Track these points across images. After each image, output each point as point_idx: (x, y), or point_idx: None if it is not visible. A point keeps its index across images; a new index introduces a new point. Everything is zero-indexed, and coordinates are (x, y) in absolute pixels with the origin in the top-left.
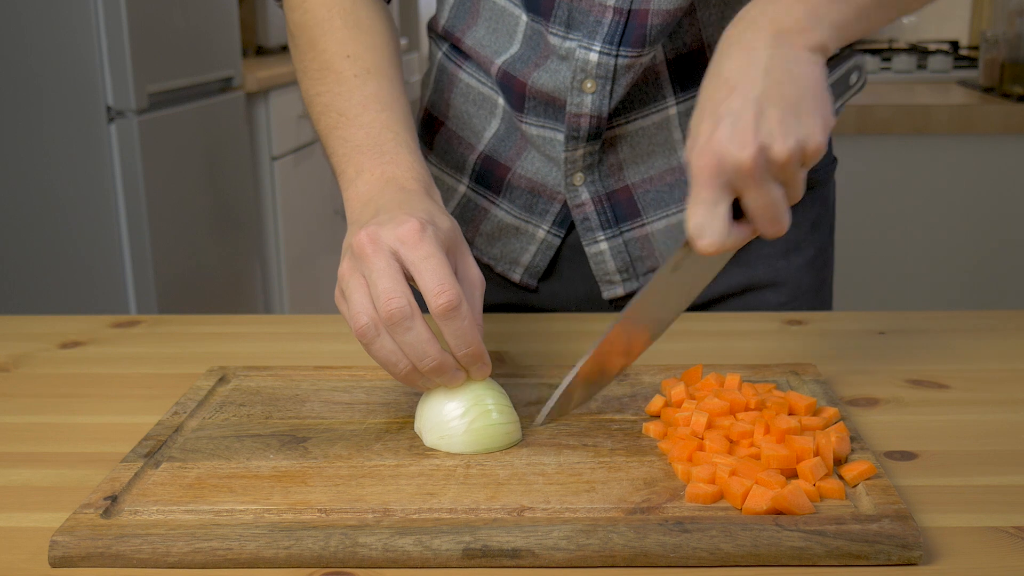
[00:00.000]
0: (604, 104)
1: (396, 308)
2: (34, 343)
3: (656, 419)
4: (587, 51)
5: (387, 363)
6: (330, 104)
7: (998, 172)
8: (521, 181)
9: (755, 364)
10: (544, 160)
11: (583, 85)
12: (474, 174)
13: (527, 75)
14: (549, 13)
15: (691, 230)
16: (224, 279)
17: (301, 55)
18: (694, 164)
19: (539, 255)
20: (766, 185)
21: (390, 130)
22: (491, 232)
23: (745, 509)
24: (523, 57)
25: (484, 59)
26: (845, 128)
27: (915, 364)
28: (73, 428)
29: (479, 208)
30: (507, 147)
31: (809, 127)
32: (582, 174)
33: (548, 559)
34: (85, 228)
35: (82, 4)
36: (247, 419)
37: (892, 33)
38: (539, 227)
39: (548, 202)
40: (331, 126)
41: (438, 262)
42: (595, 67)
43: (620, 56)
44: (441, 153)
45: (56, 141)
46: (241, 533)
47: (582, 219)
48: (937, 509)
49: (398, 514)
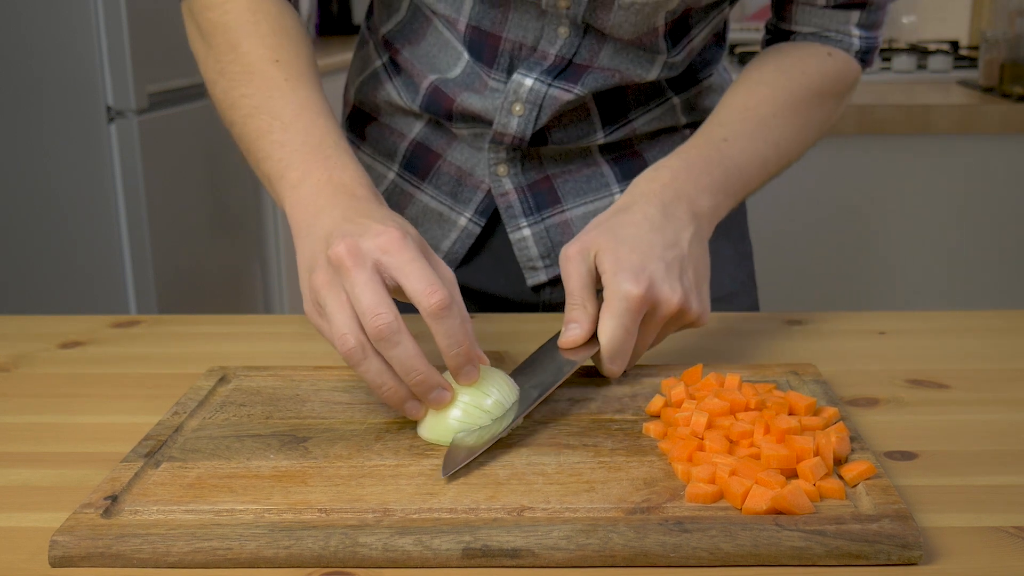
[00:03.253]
0: (528, 128)
1: (383, 324)
2: (34, 343)
3: (656, 419)
4: (523, 77)
5: (374, 384)
6: (260, 107)
7: (998, 172)
8: (450, 168)
9: (755, 364)
10: (471, 151)
11: (512, 108)
12: (404, 160)
13: (456, 94)
14: (492, 61)
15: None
16: (224, 279)
17: (218, 55)
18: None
19: (459, 242)
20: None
21: (330, 136)
22: (414, 217)
23: (745, 509)
24: (458, 82)
25: (418, 72)
26: (845, 128)
27: (915, 364)
28: (73, 428)
29: (405, 194)
30: (436, 138)
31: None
32: (506, 166)
33: (548, 559)
34: (85, 228)
35: (82, 4)
36: (247, 419)
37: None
38: (461, 214)
39: (472, 190)
40: (263, 130)
41: (423, 265)
42: (527, 92)
43: (552, 86)
44: (373, 142)
45: (56, 141)
46: (241, 533)
47: (506, 207)
48: (937, 509)
49: (398, 514)
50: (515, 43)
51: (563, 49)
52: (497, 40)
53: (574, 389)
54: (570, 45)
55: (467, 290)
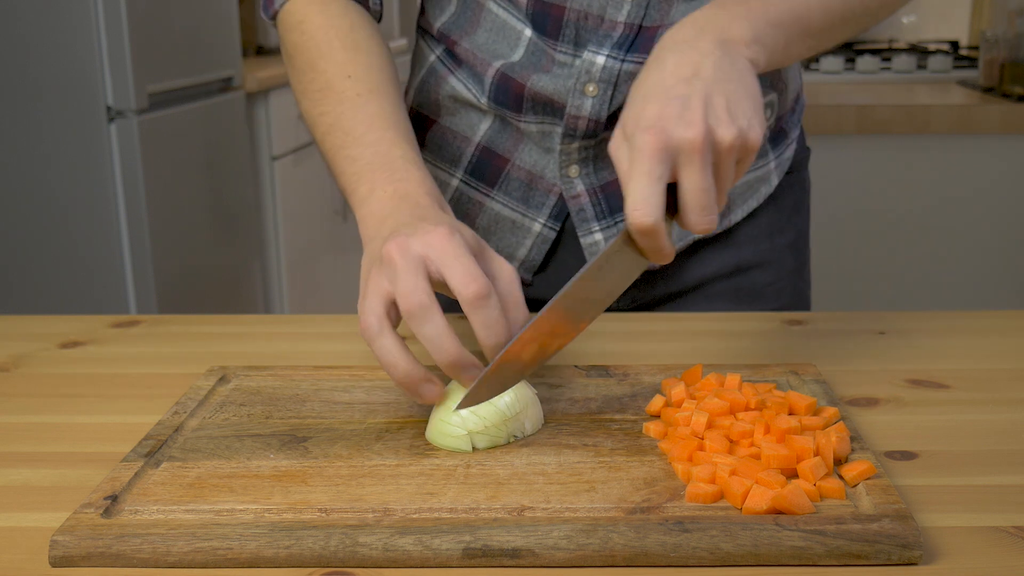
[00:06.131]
0: (604, 108)
1: (416, 301)
2: (34, 343)
3: (656, 419)
4: (594, 55)
5: (387, 363)
6: (334, 124)
7: (998, 172)
8: (520, 172)
9: (755, 364)
10: (541, 152)
11: (585, 88)
12: (470, 166)
13: (526, 78)
14: (557, 33)
15: (629, 203)
16: (224, 279)
17: (300, 76)
18: (639, 139)
19: (535, 249)
20: (707, 168)
21: (397, 147)
22: (486, 226)
23: (745, 509)
24: (523, 63)
25: (481, 62)
26: (845, 128)
27: (915, 364)
28: (73, 428)
29: (473, 202)
30: (503, 139)
31: (751, 122)
32: (577, 166)
33: (548, 559)
34: (85, 228)
35: (82, 4)
36: (247, 419)
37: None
38: (535, 220)
39: (544, 195)
40: (337, 146)
41: (468, 259)
42: (600, 71)
43: (626, 62)
44: (435, 148)
45: (56, 141)
46: (241, 533)
47: (578, 210)
48: (937, 509)
49: (398, 514)
50: (580, 12)
51: (631, 15)
52: (561, 11)
53: (574, 389)
54: (637, 8)
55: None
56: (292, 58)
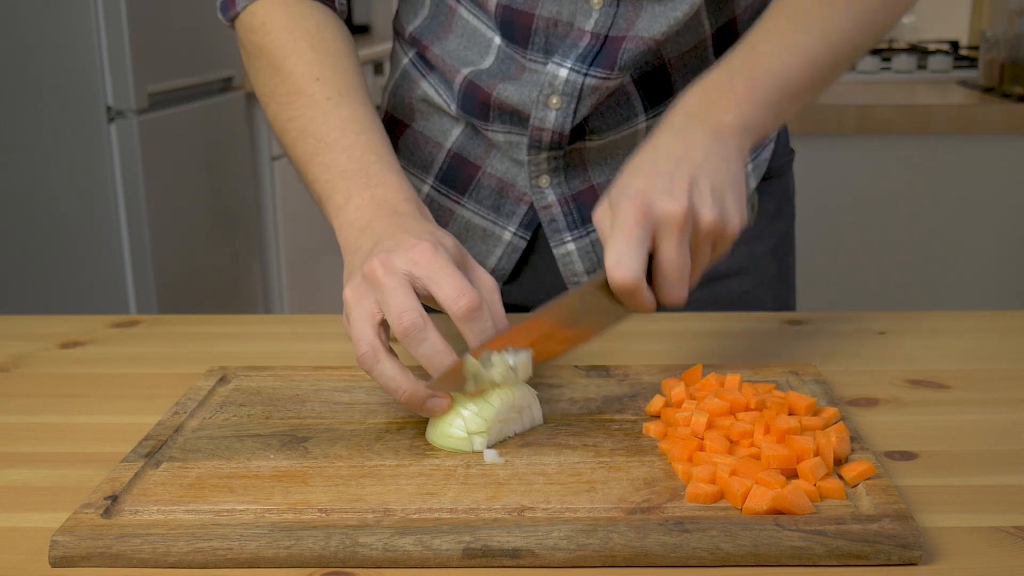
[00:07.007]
0: (567, 121)
1: (409, 321)
2: (34, 343)
3: (656, 419)
4: (557, 67)
5: (390, 389)
6: (305, 129)
7: (998, 172)
8: (490, 180)
9: (755, 364)
10: (511, 162)
11: (548, 100)
12: (440, 172)
13: (493, 87)
14: (526, 42)
15: (609, 260)
16: (224, 279)
17: (265, 79)
18: (623, 206)
19: (505, 258)
20: (685, 243)
21: (373, 152)
22: (457, 233)
23: (745, 509)
24: (492, 71)
25: (450, 68)
26: (845, 128)
27: (915, 364)
28: (73, 428)
29: (443, 209)
30: (474, 146)
31: (732, 209)
32: (548, 176)
33: (548, 559)
34: (85, 228)
35: (82, 4)
36: (247, 419)
37: (892, 33)
38: (505, 228)
39: (515, 203)
40: (310, 152)
41: (453, 272)
42: (563, 83)
43: (589, 75)
44: (407, 153)
45: (56, 141)
46: (241, 533)
47: (549, 220)
48: (937, 509)
49: (398, 514)
50: (549, 20)
51: (598, 24)
52: (530, 19)
53: (574, 389)
54: (605, 16)
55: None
56: (255, 60)
